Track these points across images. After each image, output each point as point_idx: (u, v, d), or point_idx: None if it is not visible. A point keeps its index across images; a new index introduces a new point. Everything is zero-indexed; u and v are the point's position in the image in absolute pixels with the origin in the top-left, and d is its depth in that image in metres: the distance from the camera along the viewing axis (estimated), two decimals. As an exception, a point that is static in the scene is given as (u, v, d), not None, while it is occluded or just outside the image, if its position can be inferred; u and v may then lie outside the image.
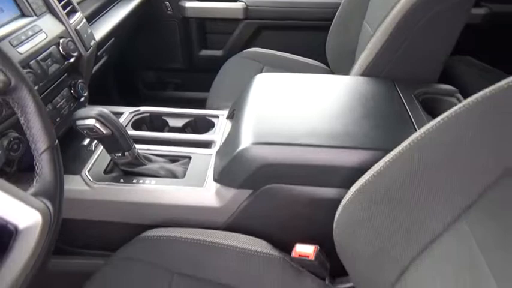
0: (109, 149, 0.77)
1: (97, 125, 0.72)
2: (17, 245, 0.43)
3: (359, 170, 0.64)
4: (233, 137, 0.75)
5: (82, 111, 0.73)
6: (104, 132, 0.73)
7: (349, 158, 0.68)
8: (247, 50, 1.48)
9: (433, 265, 0.52)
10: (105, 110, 0.73)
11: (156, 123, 0.98)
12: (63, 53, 0.81)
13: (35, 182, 0.47)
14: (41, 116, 0.48)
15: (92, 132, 0.73)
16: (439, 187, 0.52)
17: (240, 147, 0.70)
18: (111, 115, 0.73)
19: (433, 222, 0.53)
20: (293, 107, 0.79)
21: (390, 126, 0.74)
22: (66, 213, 0.78)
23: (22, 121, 0.48)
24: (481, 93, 0.50)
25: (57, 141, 0.50)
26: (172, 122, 0.97)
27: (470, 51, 1.53)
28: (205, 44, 1.64)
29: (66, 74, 0.86)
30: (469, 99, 0.51)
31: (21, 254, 0.42)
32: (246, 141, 0.70)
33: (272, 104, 0.80)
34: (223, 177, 0.72)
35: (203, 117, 0.97)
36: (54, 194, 0.47)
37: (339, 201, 0.65)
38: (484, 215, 0.48)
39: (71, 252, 0.85)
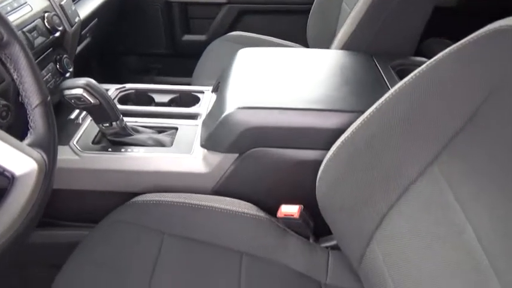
0: (97, 119, 0.79)
1: (85, 94, 0.73)
2: (13, 191, 0.44)
3: (340, 132, 0.67)
4: (218, 104, 0.77)
5: (69, 81, 0.74)
6: (92, 101, 0.74)
7: (330, 120, 0.71)
8: (230, 33, 1.50)
9: (410, 209, 0.56)
10: (92, 80, 0.74)
11: (142, 99, 1.00)
12: (49, 26, 0.82)
13: (29, 134, 0.49)
14: (33, 72, 0.50)
15: (79, 101, 0.74)
16: (413, 136, 0.56)
17: (225, 113, 0.73)
18: (99, 85, 0.75)
19: (408, 169, 0.57)
20: (276, 77, 0.82)
21: (368, 92, 0.77)
22: (55, 183, 0.80)
23: (15, 76, 0.49)
24: (447, 50, 0.54)
25: (49, 97, 0.52)
26: (158, 98, 0.99)
27: (447, 34, 1.58)
28: (188, 28, 1.65)
29: (51, 49, 0.86)
30: (436, 57, 0.56)
31: (18, 199, 0.44)
32: (230, 106, 0.73)
33: (256, 74, 0.83)
34: (209, 142, 0.75)
35: (188, 93, 1.00)
36: (48, 145, 0.49)
37: (321, 162, 0.69)
38: (453, 157, 0.52)
39: (59, 224, 0.87)
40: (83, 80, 0.74)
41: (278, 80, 0.81)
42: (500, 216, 0.43)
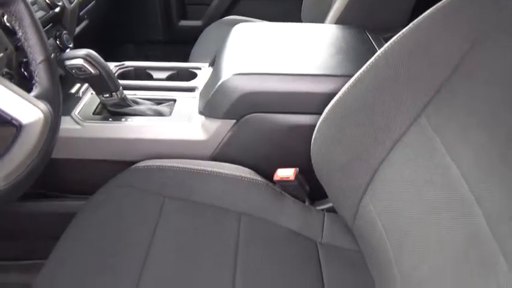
0: (97, 90, 0.81)
1: (85, 64, 0.76)
2: (20, 139, 0.47)
3: (332, 96, 0.69)
4: (215, 73, 0.80)
5: (70, 53, 0.77)
6: (92, 72, 0.77)
7: (323, 84, 0.74)
8: (226, 17, 1.52)
9: (400, 160, 0.58)
10: (92, 51, 0.77)
11: (141, 76, 1.02)
12: (48, 1, 0.84)
13: (34, 87, 0.51)
14: (37, 29, 0.52)
15: (80, 71, 0.77)
16: (400, 92, 0.59)
17: (222, 80, 0.75)
18: (99, 56, 0.77)
19: (397, 123, 0.59)
20: (271, 48, 0.84)
21: (360, 59, 0.80)
22: (57, 153, 0.83)
23: (20, 33, 0.52)
24: (430, 9, 0.57)
25: (53, 54, 0.54)
26: (156, 75, 1.01)
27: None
28: (185, 14, 1.67)
29: (51, 24, 0.89)
30: (419, 17, 0.59)
31: (24, 145, 0.46)
32: (227, 73, 0.75)
33: (251, 46, 0.86)
34: (207, 109, 0.77)
35: (186, 69, 1.02)
36: (53, 98, 0.51)
37: (315, 126, 0.71)
38: (439, 106, 0.54)
39: (61, 196, 0.89)
40: (83, 51, 0.76)
41: (273, 50, 0.83)
42: (484, 152, 0.45)
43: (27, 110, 0.48)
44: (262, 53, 0.82)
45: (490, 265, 0.36)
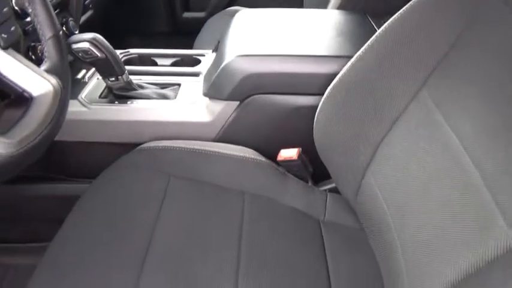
0: (103, 74, 0.83)
1: (92, 47, 0.77)
2: (31, 109, 0.48)
3: (334, 76, 0.71)
4: (219, 56, 0.81)
5: (77, 36, 0.78)
6: (99, 55, 0.78)
7: (325, 65, 0.75)
8: (229, 8, 1.53)
9: (401, 134, 0.60)
10: (98, 35, 0.78)
11: (145, 63, 1.04)
12: (55, -13, 0.86)
13: (44, 62, 0.53)
14: (46, 6, 0.53)
15: (86, 55, 0.78)
16: (402, 68, 0.60)
17: (226, 61, 0.76)
18: (105, 40, 0.79)
19: (399, 99, 0.61)
20: (274, 32, 0.86)
21: (361, 40, 0.80)
22: (64, 135, 0.84)
23: (30, 10, 0.53)
24: None
25: (61, 31, 0.55)
26: (161, 62, 1.03)
27: None
28: (188, 6, 1.69)
29: (58, 10, 0.90)
30: None
31: (35, 116, 0.48)
32: (230, 55, 0.77)
33: (254, 30, 0.87)
34: (211, 90, 0.79)
35: (190, 56, 1.03)
36: (62, 72, 0.53)
37: (317, 107, 0.72)
38: (439, 80, 0.56)
39: (67, 179, 0.91)
40: (90, 35, 0.77)
41: (276, 33, 0.85)
42: (482, 119, 0.46)
43: (37, 82, 0.49)
44: (265, 36, 0.83)
45: (487, 222, 0.38)
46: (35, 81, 0.49)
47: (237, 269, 0.60)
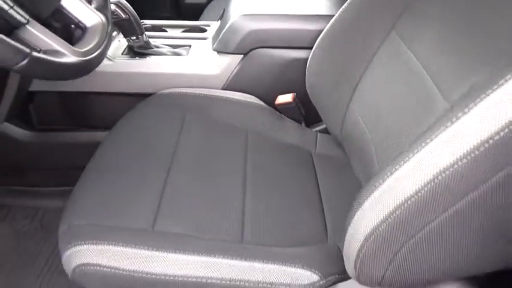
0: (126, 33, 0.96)
1: (117, 9, 0.91)
2: (86, 35, 0.62)
3: (323, 32, 0.85)
4: (226, 16, 0.95)
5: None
6: (123, 16, 0.92)
7: (316, 23, 0.90)
8: (228, -7, 1.67)
9: (376, 68, 0.74)
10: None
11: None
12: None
13: (93, 1, 0.66)
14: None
15: (113, 15, 0.92)
16: (374, 14, 0.75)
17: (232, 20, 0.91)
18: (128, 4, 0.92)
19: (372, 41, 0.75)
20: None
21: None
22: (90, 86, 0.97)
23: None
24: None
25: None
26: (171, 32, 1.17)
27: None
28: (191, -8, 1.83)
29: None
30: None
31: (90, 39, 0.61)
32: (235, 14, 0.91)
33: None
34: (220, 45, 0.93)
35: (197, 26, 1.17)
36: (107, 12, 0.66)
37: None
38: (405, 20, 0.70)
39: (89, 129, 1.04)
40: (114, -1, 0.91)
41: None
42: (433, 41, 0.61)
43: (90, 16, 0.63)
44: (266, 2, 0.98)
45: (431, 104, 0.52)
46: (88, 15, 0.63)
47: (244, 190, 0.73)
